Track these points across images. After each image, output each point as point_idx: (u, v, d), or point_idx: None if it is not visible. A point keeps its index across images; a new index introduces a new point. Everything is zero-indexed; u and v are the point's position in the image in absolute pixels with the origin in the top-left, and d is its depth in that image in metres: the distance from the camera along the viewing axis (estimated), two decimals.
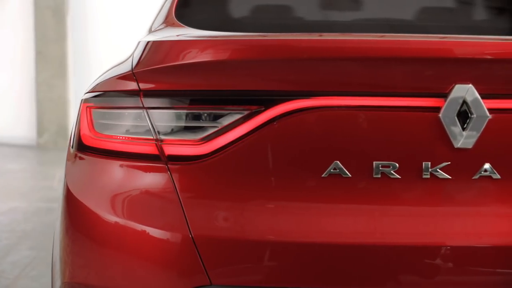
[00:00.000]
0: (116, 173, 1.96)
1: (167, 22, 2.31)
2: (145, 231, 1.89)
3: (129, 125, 1.95)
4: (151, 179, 1.92)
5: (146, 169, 1.93)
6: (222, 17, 2.48)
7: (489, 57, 1.85)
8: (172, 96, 1.90)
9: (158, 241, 1.88)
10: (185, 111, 1.90)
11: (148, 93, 1.91)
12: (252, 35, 2.04)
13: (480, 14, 2.82)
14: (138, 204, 1.93)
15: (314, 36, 2.03)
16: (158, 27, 2.32)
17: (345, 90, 1.84)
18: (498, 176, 1.86)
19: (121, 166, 1.96)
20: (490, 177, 1.86)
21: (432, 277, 1.84)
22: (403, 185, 1.85)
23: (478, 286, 1.87)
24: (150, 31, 2.35)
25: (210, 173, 1.88)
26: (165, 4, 2.49)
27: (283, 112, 1.84)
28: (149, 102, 1.90)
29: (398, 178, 1.85)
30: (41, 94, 9.96)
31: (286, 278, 1.86)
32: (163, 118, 1.91)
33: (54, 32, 9.93)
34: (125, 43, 5.38)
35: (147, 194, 1.92)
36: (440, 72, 1.83)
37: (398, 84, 1.84)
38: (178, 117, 1.91)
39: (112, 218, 1.93)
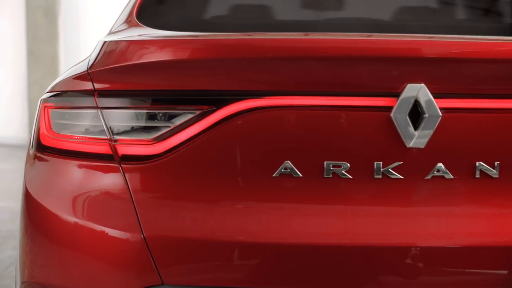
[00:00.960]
0: (72, 173, 1.97)
1: (128, 23, 2.31)
2: (98, 230, 1.89)
3: (85, 125, 1.95)
4: (106, 179, 1.92)
5: (100, 169, 1.93)
6: (183, 18, 2.47)
7: (442, 56, 1.83)
8: (126, 96, 1.90)
9: (111, 240, 1.89)
10: (138, 111, 1.90)
11: (102, 93, 1.91)
12: (205, 35, 2.03)
13: (450, 13, 2.81)
14: (92, 204, 1.94)
15: (266, 36, 2.02)
16: (118, 27, 2.32)
17: (296, 89, 1.83)
18: (451, 176, 1.84)
19: (77, 166, 1.96)
20: (442, 177, 1.84)
21: (379, 277, 1.83)
22: (354, 185, 1.84)
23: (430, 287, 1.86)
24: (111, 31, 2.34)
25: (162, 173, 1.88)
26: (128, 5, 2.49)
27: (235, 112, 1.83)
28: (103, 102, 1.91)
29: (350, 178, 1.84)
30: (33, 94, 9.93)
31: (238, 278, 1.85)
32: (117, 118, 1.91)
33: (45, 32, 9.92)
34: None
35: (102, 194, 1.93)
36: (392, 71, 1.82)
37: (349, 84, 1.83)
38: (132, 117, 1.90)
39: (67, 218, 1.93)
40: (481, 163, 1.84)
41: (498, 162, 1.85)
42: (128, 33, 2.19)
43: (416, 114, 1.81)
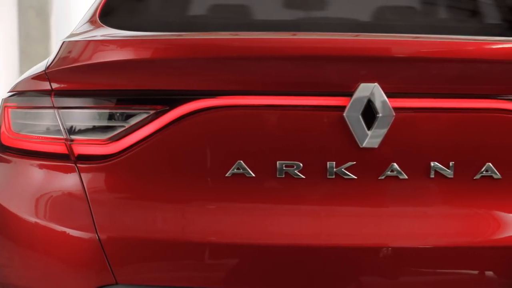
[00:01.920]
0: (31, 173, 1.97)
1: (91, 23, 2.30)
2: (54, 230, 1.90)
3: (42, 125, 1.95)
4: (62, 179, 1.92)
5: (57, 169, 1.93)
6: (145, 18, 2.46)
7: (395, 55, 1.82)
8: (82, 95, 1.90)
9: (66, 240, 1.89)
10: (94, 110, 1.90)
11: (59, 93, 1.91)
12: (160, 35, 2.01)
13: (424, 13, 2.79)
14: (49, 203, 1.94)
15: (219, 36, 2.00)
16: (80, 28, 2.31)
17: (249, 89, 1.82)
18: (405, 176, 1.83)
19: (35, 166, 1.96)
20: (397, 177, 1.83)
21: (327, 277, 1.82)
22: (307, 185, 1.83)
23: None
24: (73, 32, 2.34)
25: (117, 173, 1.88)
26: (92, 5, 2.48)
27: (188, 111, 1.83)
28: (59, 101, 1.91)
29: (302, 178, 1.82)
30: None
31: (191, 278, 1.85)
32: (73, 117, 1.91)
33: (38, 32, 9.92)
34: None
35: (58, 194, 1.93)
36: (345, 71, 1.80)
37: (302, 83, 1.81)
38: (87, 117, 1.90)
39: (24, 217, 1.93)
40: (436, 163, 1.83)
41: (453, 162, 1.83)
42: (88, 33, 2.18)
43: (369, 113, 1.80)
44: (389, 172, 1.82)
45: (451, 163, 1.83)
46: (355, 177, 1.82)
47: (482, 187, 1.85)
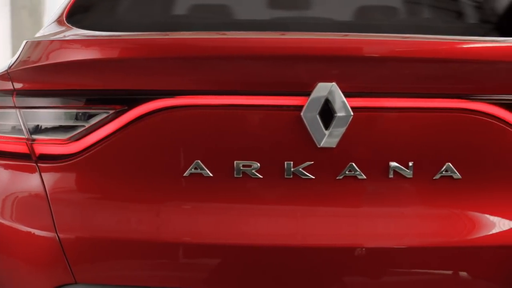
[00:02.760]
0: None
1: (57, 23, 2.30)
2: (15, 229, 1.90)
3: (4, 124, 1.95)
4: (24, 179, 1.92)
5: (19, 169, 1.93)
6: (111, 18, 2.45)
7: (353, 55, 1.80)
8: (43, 95, 1.90)
9: (26, 239, 1.89)
10: (55, 110, 1.89)
11: (20, 93, 1.91)
12: (119, 35, 2.00)
13: (396, 12, 2.79)
14: (10, 203, 1.94)
15: (177, 36, 1.99)
16: (46, 28, 2.31)
17: (208, 89, 1.81)
18: (364, 176, 1.82)
19: None
20: (355, 177, 1.82)
21: (283, 279, 1.82)
22: (265, 185, 1.82)
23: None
24: (40, 32, 2.34)
25: (77, 172, 1.88)
26: (61, 6, 2.48)
27: (146, 111, 1.82)
28: (21, 101, 1.91)
29: (260, 178, 1.81)
30: None
31: (149, 277, 1.84)
32: (34, 117, 1.91)
33: (31, 32, 9.91)
34: None
35: (19, 193, 1.93)
36: (303, 70, 1.79)
37: (261, 83, 1.80)
38: (48, 116, 1.90)
39: None
40: (395, 163, 1.82)
41: (412, 162, 1.82)
42: (53, 34, 2.18)
43: (327, 113, 1.79)
44: (347, 172, 1.81)
45: (410, 163, 1.82)
46: (313, 177, 1.81)
47: (442, 187, 1.84)
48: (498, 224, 1.85)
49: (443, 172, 1.83)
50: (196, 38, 1.92)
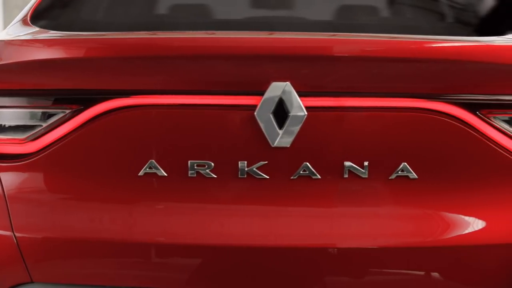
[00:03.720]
0: None
1: (21, 23, 2.29)
2: None
3: None
4: None
5: None
6: (75, 18, 2.44)
7: (308, 54, 1.79)
8: (0, 95, 1.88)
9: None
10: (12, 110, 1.89)
11: None
12: (78, 35, 2.00)
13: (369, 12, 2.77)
14: None
15: (133, 35, 1.99)
16: (10, 28, 2.30)
17: (162, 88, 1.80)
18: (318, 176, 1.81)
19: None
20: (309, 177, 1.81)
21: (234, 278, 1.81)
22: (219, 185, 1.81)
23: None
24: (3, 31, 2.34)
25: (34, 171, 1.88)
26: (27, 6, 2.47)
27: (102, 111, 1.82)
28: None
29: (214, 177, 1.81)
30: None
31: (108, 276, 1.84)
32: None
33: None
34: None
35: None
36: (257, 69, 1.79)
37: (215, 82, 1.80)
38: (5, 116, 1.90)
39: None
40: (350, 163, 1.81)
41: (368, 162, 1.81)
42: (14, 33, 2.17)
43: (282, 113, 1.78)
44: (301, 172, 1.80)
45: (365, 163, 1.81)
46: (267, 177, 1.80)
47: (397, 187, 1.83)
48: (454, 224, 1.84)
49: (399, 172, 1.82)
50: (150, 38, 1.91)
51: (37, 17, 2.30)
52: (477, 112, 1.84)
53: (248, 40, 1.84)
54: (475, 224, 1.85)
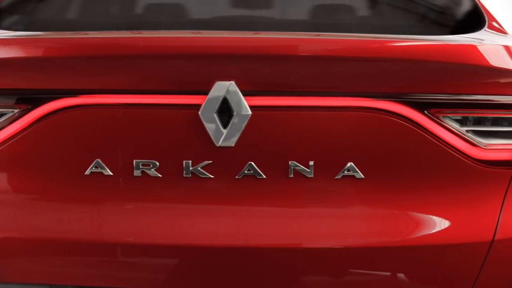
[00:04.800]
0: None
1: None
2: None
3: None
4: None
5: None
6: (28, 18, 2.45)
7: (253, 53, 1.79)
8: None
9: None
10: None
11: None
12: (25, 35, 2.01)
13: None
14: None
15: (79, 35, 1.99)
16: None
17: (108, 88, 1.81)
18: (263, 176, 1.80)
19: None
20: (254, 176, 1.81)
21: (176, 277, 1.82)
22: (164, 184, 1.82)
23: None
24: None
25: None
26: None
27: (49, 110, 1.83)
28: None
29: (159, 176, 1.81)
30: None
31: (51, 274, 1.85)
32: None
33: None
34: None
35: None
36: (202, 69, 1.79)
37: (160, 82, 1.80)
38: None
39: None
40: (295, 162, 1.80)
41: (313, 162, 1.81)
42: None
43: (226, 112, 1.78)
44: (246, 172, 1.80)
45: (310, 163, 1.80)
46: (212, 176, 1.80)
47: (344, 187, 1.82)
48: (401, 224, 1.83)
49: (345, 172, 1.81)
50: (94, 38, 1.92)
51: None
52: (425, 111, 1.82)
53: (193, 40, 1.84)
54: (423, 224, 1.84)
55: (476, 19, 2.25)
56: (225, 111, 1.78)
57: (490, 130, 1.88)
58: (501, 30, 2.19)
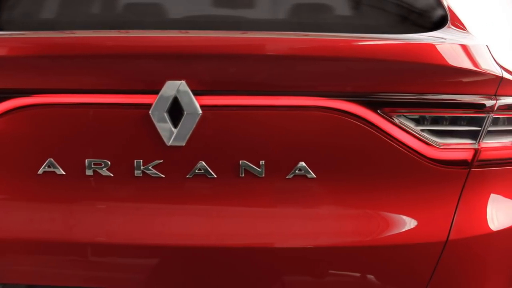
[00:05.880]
0: None
1: None
2: None
3: None
4: None
5: None
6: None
7: (203, 53, 1.79)
8: None
9: None
10: None
11: None
12: None
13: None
14: None
15: (29, 35, 1.99)
16: None
17: (61, 87, 1.82)
18: (214, 175, 1.81)
19: None
20: (205, 176, 1.81)
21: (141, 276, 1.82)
22: (115, 183, 1.82)
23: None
24: None
25: None
26: None
27: (3, 110, 1.83)
28: None
29: (111, 176, 1.82)
30: None
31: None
32: None
33: None
34: None
35: None
36: (153, 68, 1.79)
37: (112, 81, 1.80)
38: None
39: None
40: (245, 161, 1.80)
41: (264, 161, 1.80)
42: None
43: (177, 111, 1.78)
44: (197, 171, 1.80)
45: (261, 162, 1.80)
46: (163, 176, 1.81)
47: (295, 187, 1.82)
48: (355, 224, 1.83)
49: (297, 171, 1.81)
50: (45, 37, 1.91)
51: None
52: (379, 111, 1.82)
53: (144, 39, 1.84)
54: (375, 225, 1.83)
55: (438, 17, 2.23)
56: (176, 110, 1.78)
57: (446, 129, 1.87)
58: (462, 28, 2.17)
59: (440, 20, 2.19)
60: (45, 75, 1.82)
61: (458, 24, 2.17)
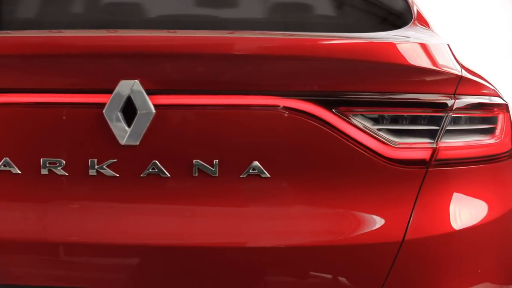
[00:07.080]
0: None
1: None
2: None
3: None
4: None
5: None
6: None
7: (158, 52, 1.79)
8: None
9: None
10: None
11: None
12: None
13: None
14: None
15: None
16: None
17: (16, 87, 1.82)
18: (167, 175, 1.81)
19: None
20: (158, 175, 1.81)
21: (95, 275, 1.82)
22: (70, 182, 1.83)
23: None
24: None
25: None
26: None
27: None
28: None
29: (65, 174, 1.83)
30: None
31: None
32: None
33: None
34: None
35: None
36: (107, 68, 1.79)
37: (67, 80, 1.81)
38: None
39: None
40: (199, 161, 1.80)
41: (217, 160, 1.80)
42: None
43: (131, 111, 1.79)
44: (150, 170, 1.81)
45: (215, 161, 1.80)
46: (117, 175, 1.81)
47: (249, 186, 1.81)
48: (310, 224, 1.82)
49: (250, 171, 1.81)
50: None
51: None
52: (334, 110, 1.81)
53: (98, 39, 1.85)
54: (331, 224, 1.83)
55: (403, 15, 2.22)
56: (129, 109, 1.79)
57: (404, 128, 1.86)
58: (426, 26, 2.16)
59: (405, 18, 2.18)
60: (5, 74, 1.82)
61: (422, 23, 2.16)
